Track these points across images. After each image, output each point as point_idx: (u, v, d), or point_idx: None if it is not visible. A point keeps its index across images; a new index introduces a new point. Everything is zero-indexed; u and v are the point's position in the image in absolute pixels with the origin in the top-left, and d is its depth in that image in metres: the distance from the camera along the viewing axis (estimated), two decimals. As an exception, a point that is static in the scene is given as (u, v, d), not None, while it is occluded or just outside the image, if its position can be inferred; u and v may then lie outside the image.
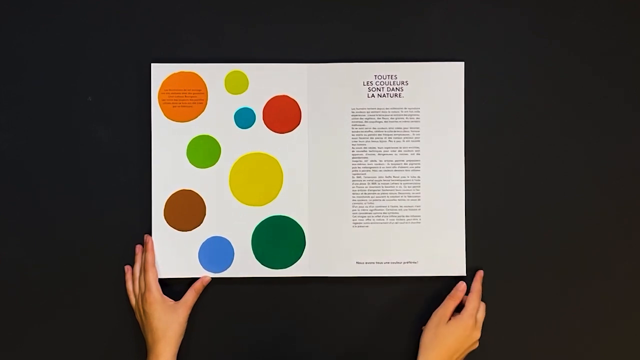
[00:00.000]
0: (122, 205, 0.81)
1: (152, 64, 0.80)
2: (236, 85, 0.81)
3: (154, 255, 0.79)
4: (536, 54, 0.82)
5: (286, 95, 0.81)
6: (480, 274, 0.80)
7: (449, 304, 0.78)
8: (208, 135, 0.81)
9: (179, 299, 0.78)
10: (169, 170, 0.80)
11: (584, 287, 0.82)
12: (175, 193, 0.80)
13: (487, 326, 0.78)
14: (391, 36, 0.82)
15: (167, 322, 0.76)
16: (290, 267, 0.81)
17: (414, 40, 0.82)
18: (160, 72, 0.80)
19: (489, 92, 0.82)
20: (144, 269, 0.78)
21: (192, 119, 0.81)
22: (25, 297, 0.82)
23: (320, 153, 0.81)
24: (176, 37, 0.82)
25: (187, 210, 0.80)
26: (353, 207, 0.80)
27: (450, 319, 0.77)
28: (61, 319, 0.82)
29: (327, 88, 0.80)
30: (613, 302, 0.82)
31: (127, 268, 0.81)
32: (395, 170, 0.80)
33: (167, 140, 0.80)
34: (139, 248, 0.81)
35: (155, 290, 0.77)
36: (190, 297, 0.79)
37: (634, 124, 0.82)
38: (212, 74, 0.81)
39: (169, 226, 0.80)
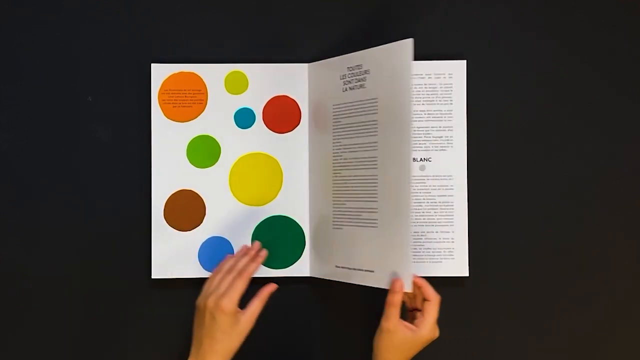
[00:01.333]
0: (122, 205, 0.81)
1: (152, 64, 0.80)
2: (236, 85, 0.81)
3: (257, 269, 0.75)
4: (536, 54, 0.82)
5: (286, 95, 0.81)
6: (422, 280, 0.71)
7: (393, 313, 0.69)
8: (208, 135, 0.81)
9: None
10: (169, 170, 0.80)
11: (584, 287, 0.82)
12: (175, 193, 0.80)
13: (488, 326, 0.78)
14: (391, 36, 0.81)
15: (231, 336, 0.69)
16: (290, 267, 0.81)
17: (414, 40, 0.81)
18: (160, 72, 0.80)
19: (489, 92, 0.82)
20: (240, 275, 0.72)
21: (192, 119, 0.81)
22: (25, 297, 0.82)
23: (318, 152, 0.80)
24: (176, 37, 0.82)
25: (187, 210, 0.80)
26: (333, 207, 0.78)
27: (404, 328, 0.69)
28: (61, 319, 0.82)
29: (318, 86, 0.80)
30: (613, 302, 0.82)
31: (240, 251, 0.78)
32: (368, 169, 0.74)
33: (167, 140, 0.80)
34: (245, 249, 0.78)
35: (236, 301, 0.70)
36: (258, 309, 0.71)
37: (634, 124, 0.82)
38: (212, 74, 0.81)
39: (168, 226, 0.80)
